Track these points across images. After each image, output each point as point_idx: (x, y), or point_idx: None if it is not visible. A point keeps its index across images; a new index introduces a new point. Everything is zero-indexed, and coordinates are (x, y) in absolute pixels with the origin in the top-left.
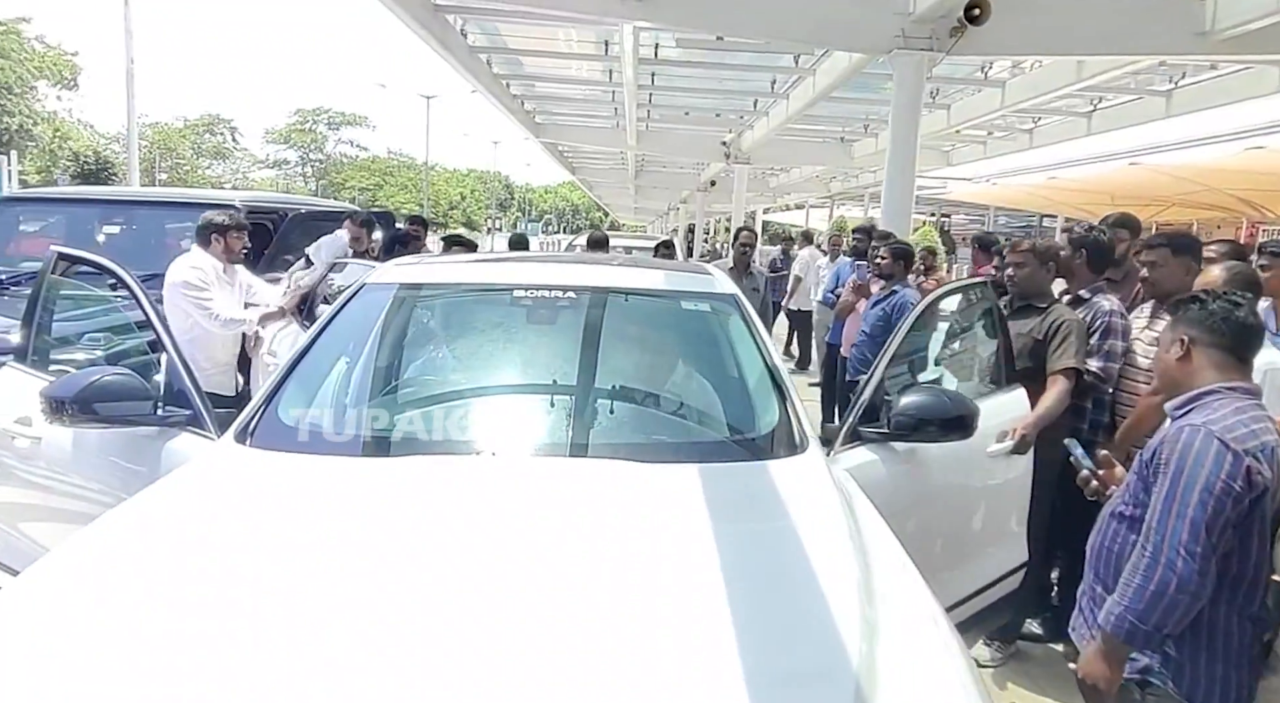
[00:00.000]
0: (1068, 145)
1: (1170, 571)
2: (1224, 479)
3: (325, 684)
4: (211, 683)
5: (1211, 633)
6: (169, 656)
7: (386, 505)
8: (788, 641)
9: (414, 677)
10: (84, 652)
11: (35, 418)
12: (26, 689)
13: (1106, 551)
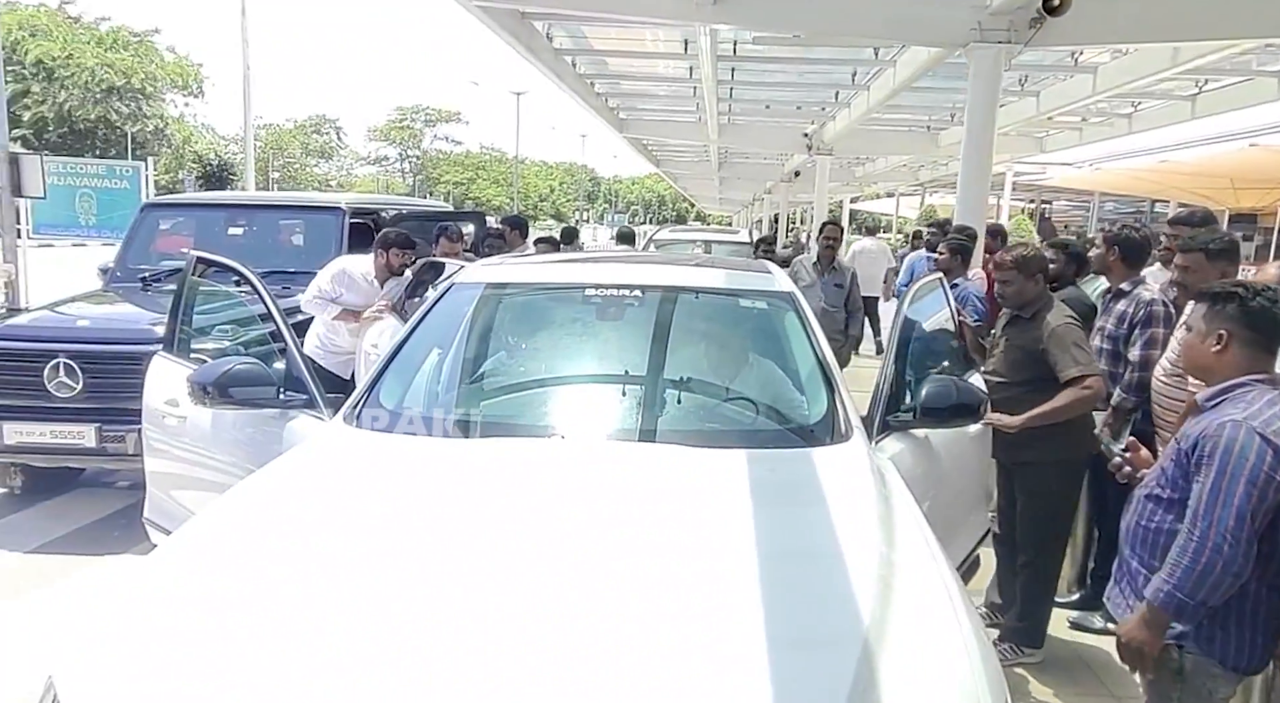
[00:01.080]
0: (1172, 130)
1: (1217, 554)
2: (1266, 471)
3: (430, 622)
4: (339, 617)
5: (1242, 603)
6: (299, 592)
7: (472, 480)
8: (806, 608)
9: (499, 617)
10: (226, 595)
11: (181, 400)
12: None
13: (1143, 529)
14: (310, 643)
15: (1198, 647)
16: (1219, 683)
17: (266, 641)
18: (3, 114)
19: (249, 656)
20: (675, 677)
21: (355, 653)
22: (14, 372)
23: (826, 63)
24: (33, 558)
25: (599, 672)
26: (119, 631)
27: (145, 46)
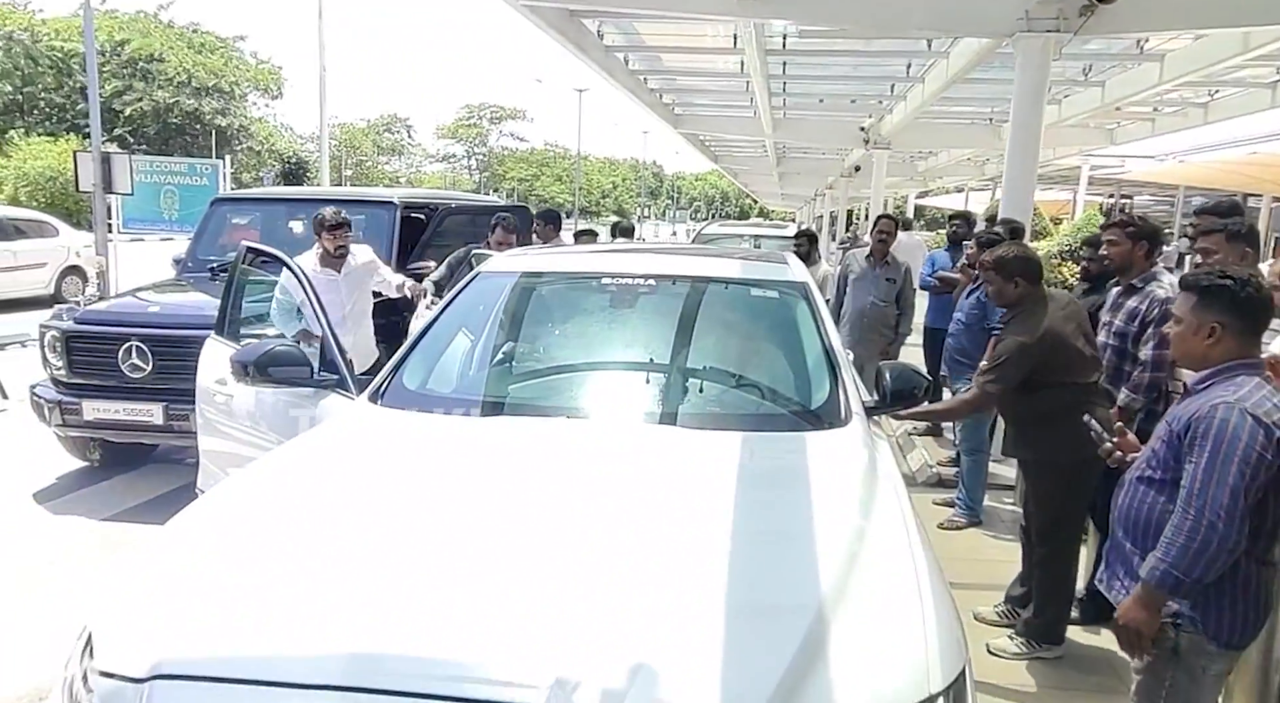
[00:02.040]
0: (1262, 121)
1: (1212, 531)
2: (1259, 451)
3: (438, 562)
4: (362, 557)
5: (1235, 579)
6: (319, 542)
7: (486, 452)
8: (777, 574)
9: (501, 559)
10: (249, 546)
11: (229, 379)
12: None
13: (1135, 511)
14: (327, 583)
15: (1194, 625)
16: (1212, 660)
17: (284, 584)
18: (96, 118)
19: (268, 599)
20: (645, 618)
21: (376, 593)
22: (93, 353)
23: (880, 55)
24: (108, 526)
25: (578, 608)
26: (147, 580)
27: (231, 51)
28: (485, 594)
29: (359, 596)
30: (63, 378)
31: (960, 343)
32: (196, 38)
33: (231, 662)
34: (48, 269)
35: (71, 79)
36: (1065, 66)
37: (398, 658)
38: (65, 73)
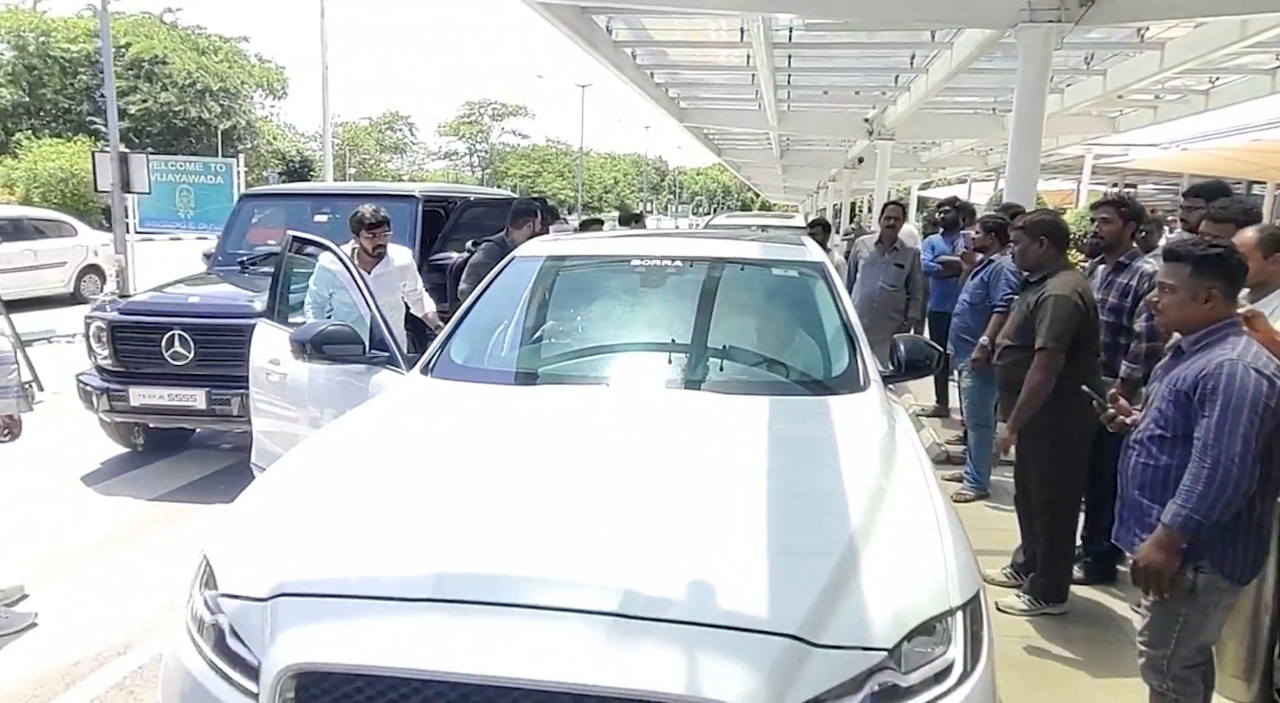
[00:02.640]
0: (1264, 108)
1: (1228, 477)
2: (1265, 400)
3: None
4: (441, 496)
5: (1248, 520)
6: (401, 481)
7: (535, 412)
8: (813, 510)
9: (540, 530)
10: (339, 485)
11: (283, 359)
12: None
13: (1146, 468)
14: (414, 517)
15: (1211, 565)
16: (1223, 595)
17: (379, 518)
18: (114, 119)
19: (366, 530)
20: (689, 547)
21: (452, 526)
22: (137, 342)
23: (884, 47)
24: (155, 505)
25: (634, 535)
26: (256, 519)
27: (234, 52)
28: (549, 526)
29: (443, 526)
30: (109, 366)
31: (965, 322)
32: (201, 40)
33: (341, 581)
34: (67, 268)
35: (77, 80)
36: (1067, 56)
37: (479, 577)
38: (72, 74)
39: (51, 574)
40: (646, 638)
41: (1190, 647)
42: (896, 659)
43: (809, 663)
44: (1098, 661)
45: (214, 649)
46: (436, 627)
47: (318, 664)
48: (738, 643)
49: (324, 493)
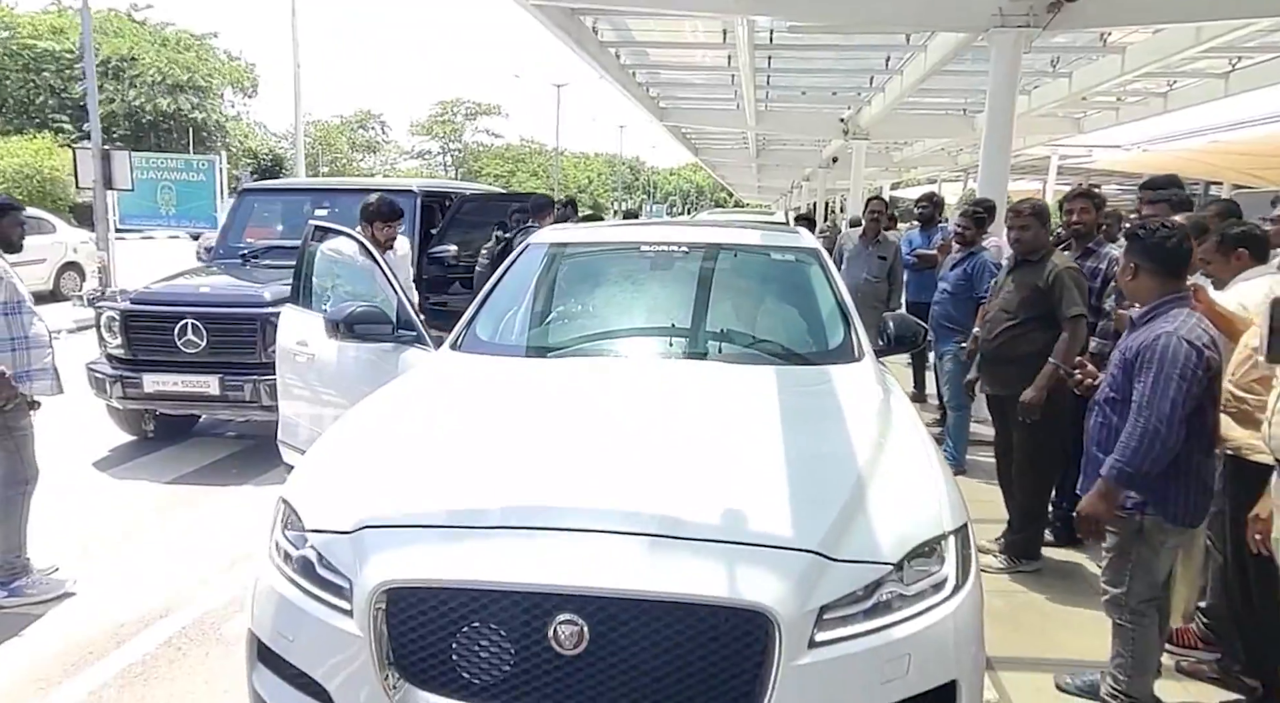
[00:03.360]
0: (1221, 111)
1: (1156, 434)
2: (1192, 368)
3: (557, 449)
4: (497, 441)
5: (1188, 469)
6: (458, 431)
7: (560, 379)
8: (822, 451)
9: (570, 470)
10: (402, 435)
11: (310, 340)
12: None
13: (1102, 427)
14: (478, 458)
15: (1155, 509)
16: (1169, 536)
17: (444, 461)
18: (95, 115)
19: (435, 470)
20: (715, 481)
21: (510, 465)
22: (150, 331)
23: (861, 49)
24: (172, 487)
25: (673, 471)
26: (326, 463)
27: (204, 49)
28: (596, 464)
29: (502, 466)
30: (121, 355)
31: (947, 310)
32: (170, 36)
33: (417, 515)
34: (46, 265)
35: (39, 77)
36: (1034, 59)
37: (539, 507)
38: (35, 71)
39: (86, 551)
40: (692, 554)
41: (1143, 583)
42: (900, 573)
43: (828, 574)
44: (1067, 608)
45: (304, 577)
46: (504, 547)
47: (406, 581)
48: (770, 557)
49: (390, 443)
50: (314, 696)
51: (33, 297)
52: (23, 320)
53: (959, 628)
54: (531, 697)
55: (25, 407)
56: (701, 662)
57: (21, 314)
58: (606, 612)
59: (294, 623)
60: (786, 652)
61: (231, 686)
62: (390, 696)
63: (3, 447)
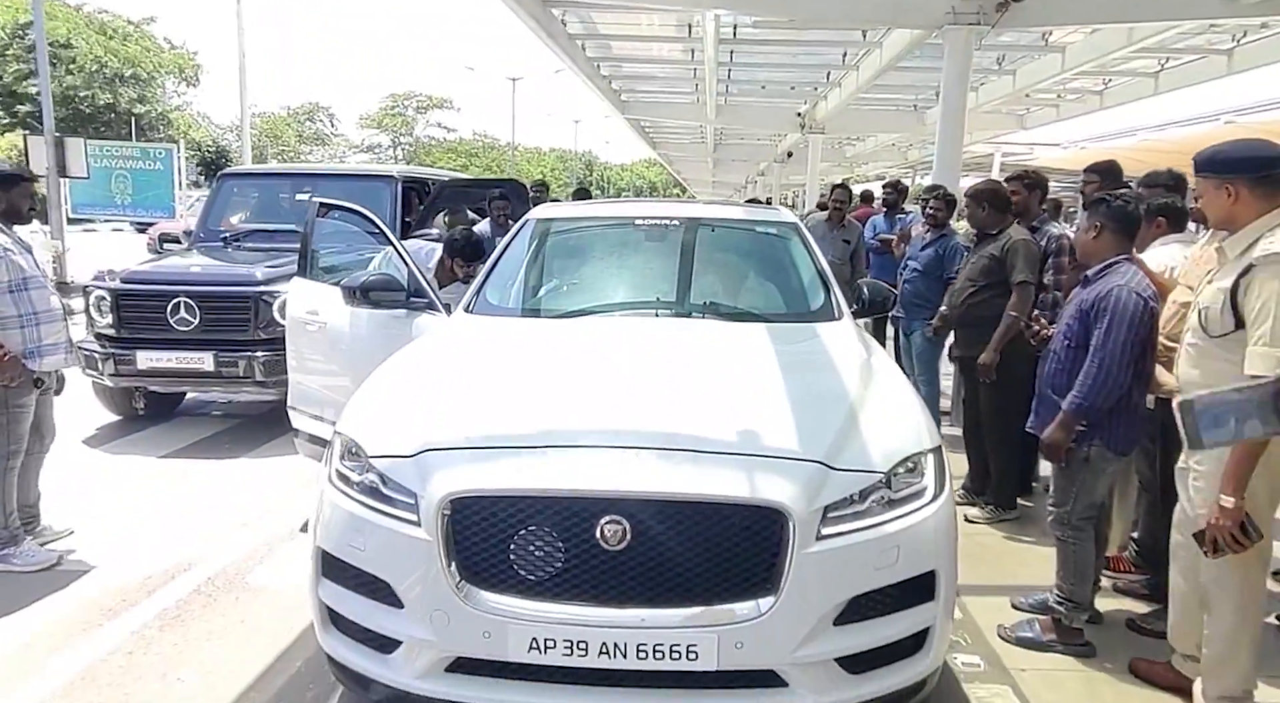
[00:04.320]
0: (1153, 112)
1: (1109, 374)
2: (1140, 315)
3: (584, 384)
4: (533, 375)
5: (1128, 407)
6: (500, 365)
7: (572, 333)
8: (819, 386)
9: (602, 401)
10: (442, 374)
11: (320, 309)
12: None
13: (1058, 372)
14: (513, 389)
15: (1100, 440)
16: (1109, 463)
17: (489, 392)
18: (48, 100)
19: (482, 401)
20: (731, 407)
21: (549, 395)
22: (142, 310)
23: (819, 44)
24: (168, 461)
25: (696, 399)
26: (376, 401)
27: (142, 35)
28: (631, 394)
29: (542, 395)
30: (111, 333)
31: (917, 288)
32: (108, 22)
33: (472, 438)
34: None
35: None
36: (982, 57)
37: (582, 430)
38: None
39: (99, 516)
40: (718, 464)
41: (1084, 503)
42: (888, 481)
43: (830, 480)
44: (1021, 547)
45: (370, 497)
46: (556, 461)
47: (470, 491)
48: (783, 466)
49: (435, 382)
50: (378, 598)
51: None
52: (30, 297)
53: (937, 528)
54: (581, 589)
55: (30, 385)
56: (729, 552)
57: (29, 291)
58: (647, 512)
59: (364, 535)
60: (799, 542)
61: (264, 625)
62: (456, 593)
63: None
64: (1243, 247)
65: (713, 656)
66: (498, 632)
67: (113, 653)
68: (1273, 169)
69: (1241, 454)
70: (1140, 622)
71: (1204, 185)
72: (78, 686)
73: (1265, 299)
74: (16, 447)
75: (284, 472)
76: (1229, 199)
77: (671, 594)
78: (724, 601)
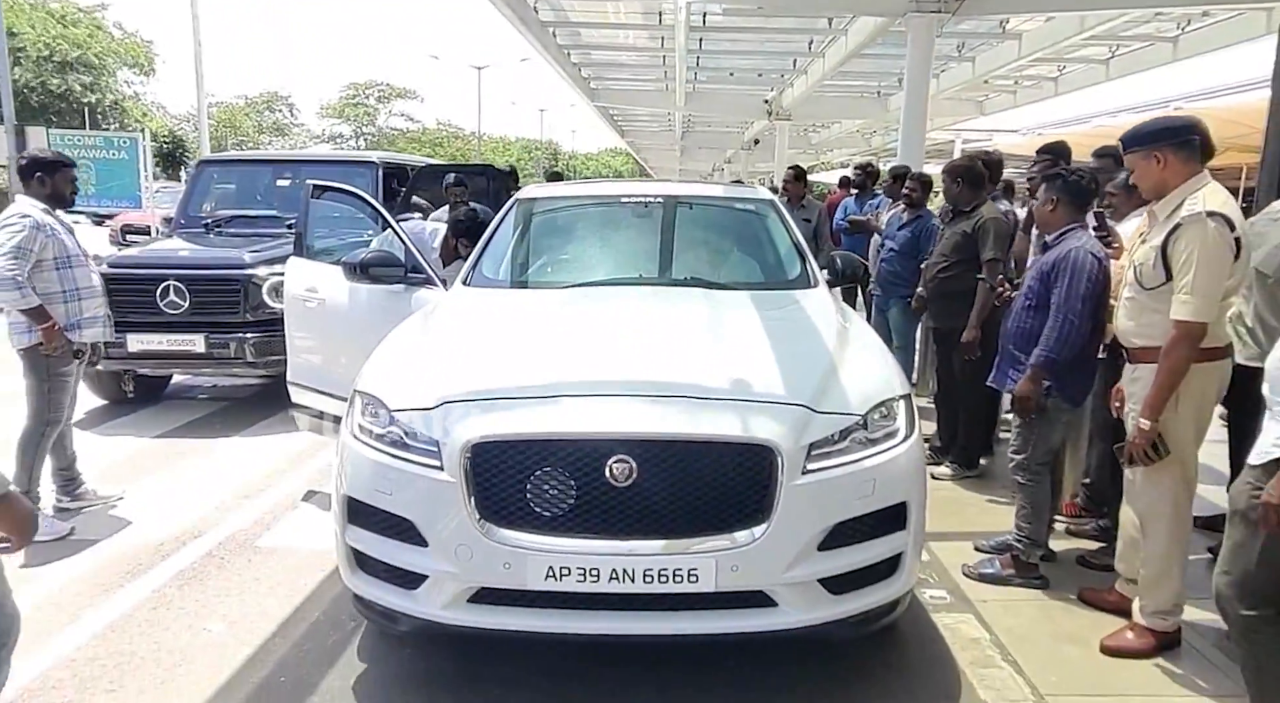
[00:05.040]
0: (1094, 93)
1: (1072, 327)
2: (1096, 273)
3: (582, 339)
4: (539, 336)
5: (1083, 361)
6: (507, 327)
7: (569, 300)
8: (800, 341)
9: (606, 355)
10: (451, 336)
11: (318, 286)
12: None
13: (1020, 330)
14: (522, 347)
15: (1057, 392)
16: (1063, 413)
17: (494, 349)
18: (7, 87)
19: (492, 359)
20: (719, 362)
21: (556, 352)
22: (131, 294)
23: (786, 32)
24: (162, 441)
25: (690, 352)
26: (392, 362)
27: (94, 24)
28: (633, 349)
29: (553, 352)
30: None
31: (894, 268)
32: (56, 9)
33: (488, 390)
34: None
35: None
36: (943, 44)
37: (589, 381)
38: None
39: (101, 492)
40: (715, 408)
41: (1041, 449)
42: (865, 423)
43: (814, 421)
44: (981, 498)
45: (394, 447)
46: (567, 407)
47: (489, 436)
48: (772, 409)
49: (446, 344)
50: (403, 538)
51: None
52: (74, 273)
53: (908, 465)
54: (592, 522)
55: (70, 355)
56: (725, 486)
57: (72, 268)
58: (651, 452)
59: (391, 481)
60: (787, 476)
61: (279, 582)
62: (477, 529)
63: (40, 389)
64: (1171, 208)
65: (711, 578)
66: (517, 563)
67: (137, 608)
68: (1190, 135)
69: (1158, 387)
70: (1090, 558)
71: (1134, 160)
72: (109, 636)
73: (1189, 253)
74: (56, 415)
75: (278, 449)
76: (1159, 166)
77: (674, 525)
78: (721, 529)
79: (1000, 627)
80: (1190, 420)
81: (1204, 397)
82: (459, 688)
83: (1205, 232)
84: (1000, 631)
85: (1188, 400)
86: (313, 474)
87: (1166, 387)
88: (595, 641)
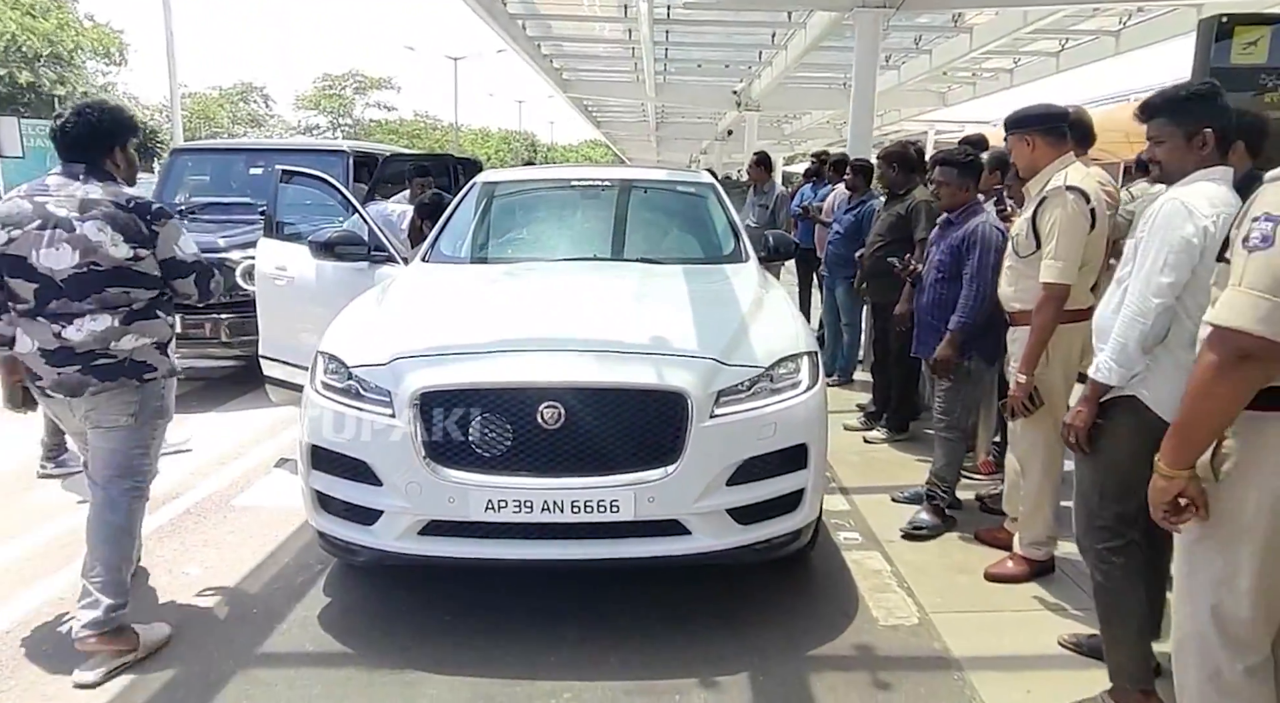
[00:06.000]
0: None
1: (983, 293)
2: (1001, 245)
3: (526, 309)
4: (487, 299)
5: (995, 324)
6: (459, 294)
7: (516, 271)
8: (717, 305)
9: (541, 317)
10: (408, 303)
11: (288, 264)
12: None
13: (935, 303)
14: (468, 310)
15: (979, 353)
16: (984, 374)
17: (450, 313)
18: None
19: (443, 319)
20: (646, 320)
21: (498, 314)
22: None
23: (749, 25)
24: None
25: (619, 313)
26: (353, 325)
27: (61, 10)
28: (564, 311)
29: (492, 314)
30: None
31: (839, 249)
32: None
33: (437, 346)
34: None
35: None
36: (902, 37)
37: (528, 337)
38: None
39: None
40: (635, 361)
41: (963, 407)
42: (770, 374)
43: (723, 372)
44: (902, 457)
45: (351, 398)
46: (503, 361)
47: (436, 386)
48: (685, 362)
49: (400, 310)
50: (360, 479)
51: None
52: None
53: (808, 412)
54: (526, 461)
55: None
56: (643, 428)
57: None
58: (578, 399)
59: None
60: (697, 419)
61: (252, 535)
62: (425, 468)
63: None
64: (1041, 185)
65: (630, 508)
66: (460, 497)
67: None
68: (1058, 122)
69: (1031, 344)
70: (989, 502)
71: (1012, 142)
72: None
73: (1053, 222)
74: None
75: (252, 423)
76: (1029, 149)
77: (599, 462)
78: (640, 466)
79: (902, 561)
80: (1060, 375)
81: (1071, 352)
82: (413, 615)
83: (1065, 203)
84: (901, 564)
85: (1057, 357)
86: (286, 443)
87: (1038, 343)
88: (531, 566)
